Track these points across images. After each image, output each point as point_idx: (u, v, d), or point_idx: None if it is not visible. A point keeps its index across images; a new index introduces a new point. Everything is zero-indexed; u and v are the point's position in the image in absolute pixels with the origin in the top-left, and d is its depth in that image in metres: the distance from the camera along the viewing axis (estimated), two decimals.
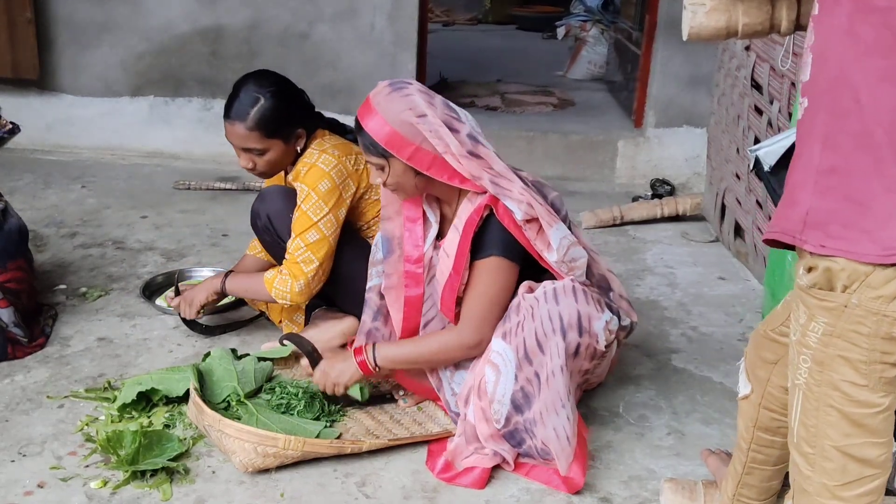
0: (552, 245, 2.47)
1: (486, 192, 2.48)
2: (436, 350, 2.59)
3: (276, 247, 3.08)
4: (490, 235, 2.49)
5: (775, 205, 2.02)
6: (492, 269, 2.50)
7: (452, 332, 2.57)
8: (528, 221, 2.45)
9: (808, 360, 1.64)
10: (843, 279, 1.53)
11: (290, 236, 2.96)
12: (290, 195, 2.99)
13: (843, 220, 1.52)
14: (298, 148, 3.00)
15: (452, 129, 2.45)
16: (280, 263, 3.14)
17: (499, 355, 2.46)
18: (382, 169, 2.50)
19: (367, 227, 3.11)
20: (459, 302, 2.56)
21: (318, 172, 2.92)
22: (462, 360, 2.61)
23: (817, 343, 1.61)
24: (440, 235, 2.67)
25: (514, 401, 2.46)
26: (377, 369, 2.60)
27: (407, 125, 2.42)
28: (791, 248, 1.66)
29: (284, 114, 2.92)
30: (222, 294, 3.13)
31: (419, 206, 2.64)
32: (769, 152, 1.99)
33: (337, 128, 3.17)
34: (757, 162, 2.01)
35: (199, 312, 3.14)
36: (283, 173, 3.16)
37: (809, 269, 1.57)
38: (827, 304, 1.57)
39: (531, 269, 2.55)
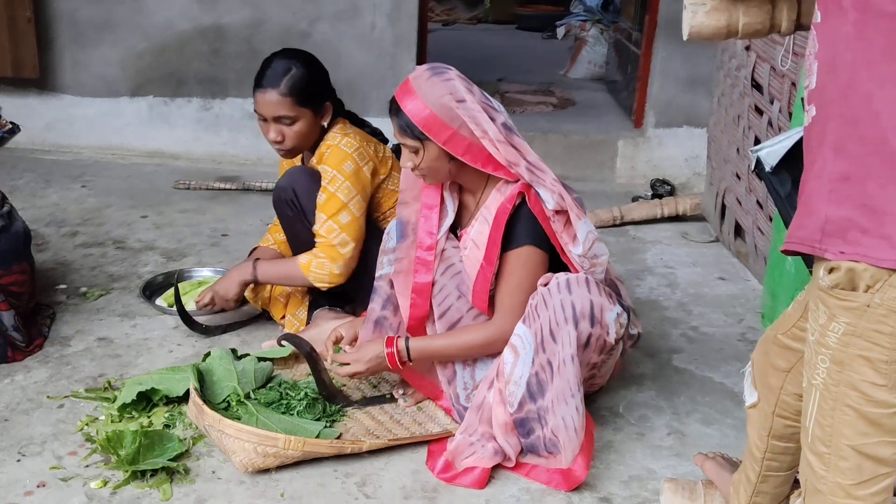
0: (578, 238, 2.48)
1: (516, 182, 2.50)
2: (476, 345, 2.59)
3: (295, 222, 3.08)
4: (521, 225, 2.51)
5: (777, 206, 2.02)
6: (525, 259, 2.52)
7: (491, 326, 2.57)
8: (556, 213, 2.47)
9: (826, 361, 1.63)
10: (867, 279, 1.53)
11: (313, 214, 2.97)
12: (316, 176, 3.01)
13: (861, 227, 1.52)
14: (325, 123, 3.02)
15: (490, 117, 2.47)
16: (295, 240, 3.15)
17: (518, 338, 2.48)
18: (416, 152, 2.51)
19: (383, 217, 3.12)
20: (490, 293, 2.57)
21: (341, 154, 2.95)
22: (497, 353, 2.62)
23: (837, 343, 1.60)
24: (456, 225, 2.68)
25: (529, 386, 2.47)
26: (408, 363, 2.63)
27: (446, 109, 2.43)
28: (807, 256, 1.66)
29: (315, 83, 2.98)
30: (255, 283, 3.14)
31: (439, 193, 2.66)
32: (770, 153, 1.98)
33: (356, 120, 3.19)
34: (758, 163, 2.00)
35: (236, 303, 3.17)
36: (298, 162, 3.17)
37: (831, 270, 1.57)
38: (849, 304, 1.57)
39: (551, 264, 2.57)
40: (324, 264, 2.94)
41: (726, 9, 1.82)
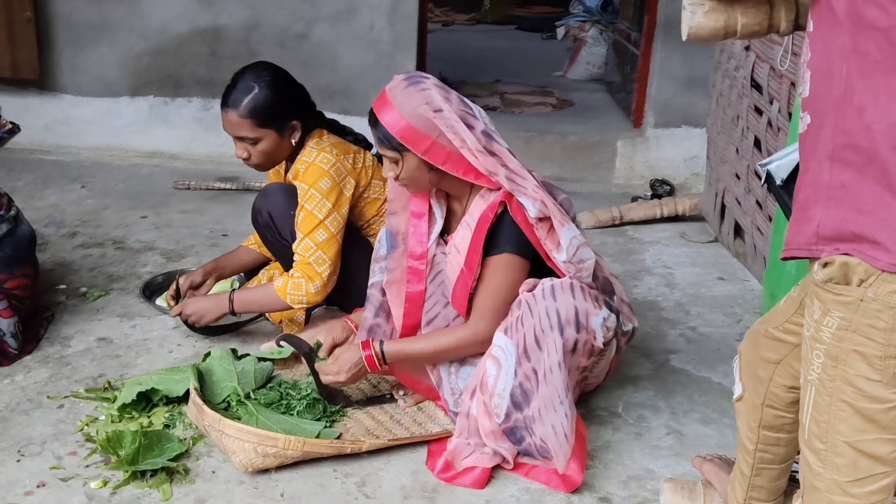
0: (562, 245, 2.48)
1: (499, 189, 2.49)
2: (450, 347, 2.60)
3: (277, 245, 3.08)
4: (503, 232, 2.51)
5: (787, 219, 2.02)
6: (505, 266, 2.52)
7: (466, 328, 2.57)
8: (539, 220, 2.47)
9: (821, 356, 1.64)
10: (860, 273, 1.55)
11: (292, 235, 2.97)
12: (291, 192, 3.00)
13: (856, 230, 1.54)
14: (293, 141, 3.01)
15: (468, 125, 2.46)
16: (281, 261, 3.15)
17: (500, 349, 2.47)
18: (396, 163, 2.51)
19: (366, 226, 3.12)
20: (470, 298, 2.57)
21: (317, 171, 2.94)
22: (471, 356, 2.62)
23: (831, 338, 1.62)
24: (446, 231, 2.68)
25: (513, 397, 2.46)
26: (384, 365, 2.61)
27: (423, 119, 2.42)
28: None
29: (278, 104, 2.94)
30: (231, 314, 3.10)
31: (426, 201, 2.65)
32: (780, 166, 1.98)
33: (337, 128, 3.18)
34: (768, 176, 2.00)
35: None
36: (283, 171, 3.17)
37: (825, 265, 1.58)
38: (843, 299, 1.58)
39: (537, 268, 2.56)
40: (300, 284, 2.92)
41: (725, 9, 1.82)
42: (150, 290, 3.57)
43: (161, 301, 3.45)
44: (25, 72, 5.33)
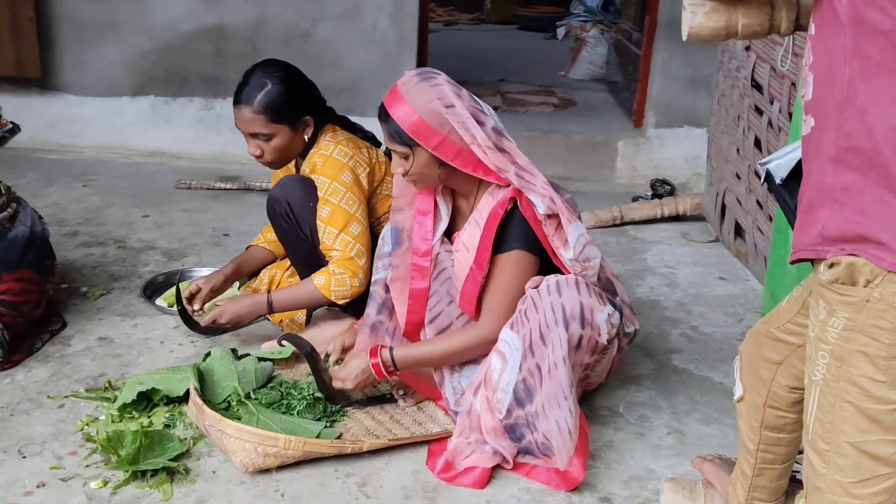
0: (569, 242, 2.48)
1: (508, 186, 2.50)
2: (461, 349, 2.59)
3: (292, 235, 3.06)
4: (513, 229, 2.51)
5: (787, 218, 2.02)
6: (515, 263, 2.52)
7: (476, 330, 2.57)
8: (548, 217, 2.47)
9: (826, 356, 1.64)
10: (867, 273, 1.55)
11: (310, 226, 2.97)
12: (309, 184, 2.99)
13: (859, 231, 1.55)
14: (306, 137, 3.01)
15: (479, 122, 2.47)
16: (290, 252, 3.13)
17: (507, 344, 2.47)
18: (406, 158, 2.51)
19: (377, 223, 3.12)
20: (478, 297, 2.57)
21: (336, 164, 2.94)
22: (479, 356, 2.62)
23: (836, 338, 1.62)
24: (451, 229, 2.68)
25: (515, 393, 2.46)
26: (393, 374, 2.62)
27: (435, 114, 2.43)
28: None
29: (290, 99, 2.95)
30: (270, 314, 3.08)
31: (432, 198, 2.66)
32: (780, 165, 1.98)
33: (347, 125, 3.18)
34: (768, 175, 2.00)
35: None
36: (293, 168, 3.16)
37: (832, 265, 1.59)
38: (849, 299, 1.58)
39: (542, 267, 2.57)
40: (344, 280, 2.90)
41: (725, 10, 1.81)
42: (152, 290, 3.57)
43: (162, 301, 3.46)
44: (28, 70, 5.33)
